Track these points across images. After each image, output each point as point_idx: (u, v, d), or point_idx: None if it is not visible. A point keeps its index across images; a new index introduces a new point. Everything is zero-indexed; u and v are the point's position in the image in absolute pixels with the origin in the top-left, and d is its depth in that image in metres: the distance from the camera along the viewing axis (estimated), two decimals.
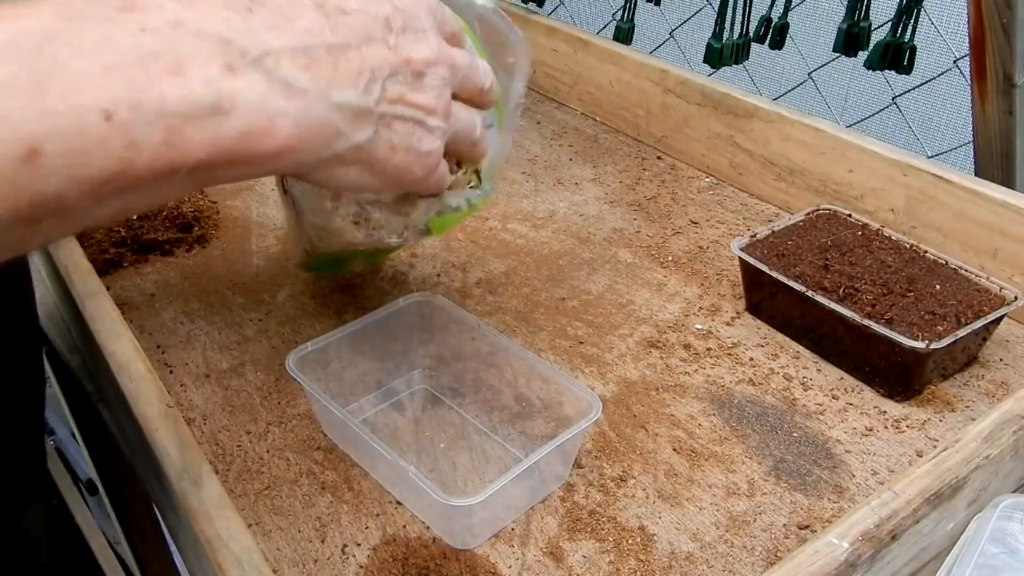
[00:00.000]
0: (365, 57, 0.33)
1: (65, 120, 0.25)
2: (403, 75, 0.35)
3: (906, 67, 0.91)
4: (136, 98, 0.27)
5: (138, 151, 0.27)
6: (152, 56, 0.27)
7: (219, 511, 0.42)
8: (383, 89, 0.34)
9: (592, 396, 0.51)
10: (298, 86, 0.30)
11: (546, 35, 1.05)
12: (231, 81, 0.28)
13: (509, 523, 0.50)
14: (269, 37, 0.30)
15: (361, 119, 0.33)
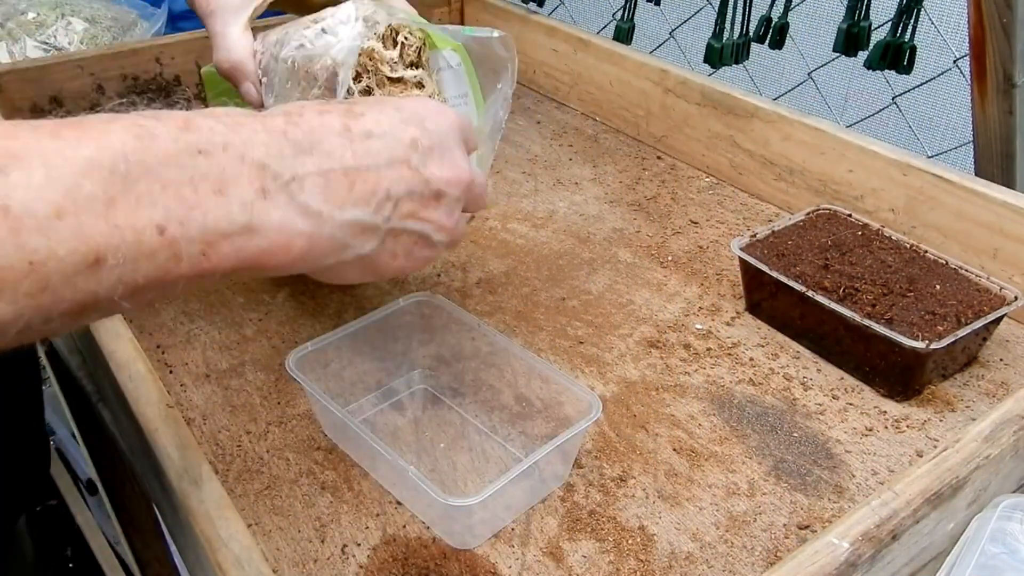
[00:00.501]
0: (382, 178, 0.36)
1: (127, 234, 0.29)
2: (420, 193, 0.38)
3: (906, 67, 0.91)
4: (185, 215, 0.30)
5: (178, 262, 0.30)
6: (203, 177, 0.31)
7: (219, 511, 0.42)
8: (395, 207, 0.37)
9: (592, 396, 0.51)
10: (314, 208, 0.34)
11: (546, 35, 1.05)
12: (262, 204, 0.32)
13: (509, 523, 0.50)
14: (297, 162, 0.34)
15: (368, 234, 0.37)
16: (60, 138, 0.28)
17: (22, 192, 0.27)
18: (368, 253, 0.37)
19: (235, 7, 0.49)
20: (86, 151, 0.28)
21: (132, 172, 0.29)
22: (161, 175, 0.30)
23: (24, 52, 1.15)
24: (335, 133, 0.36)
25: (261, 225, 0.32)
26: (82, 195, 0.28)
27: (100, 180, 0.28)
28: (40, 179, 0.27)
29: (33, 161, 0.27)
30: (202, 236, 0.31)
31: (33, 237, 0.27)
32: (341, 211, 0.35)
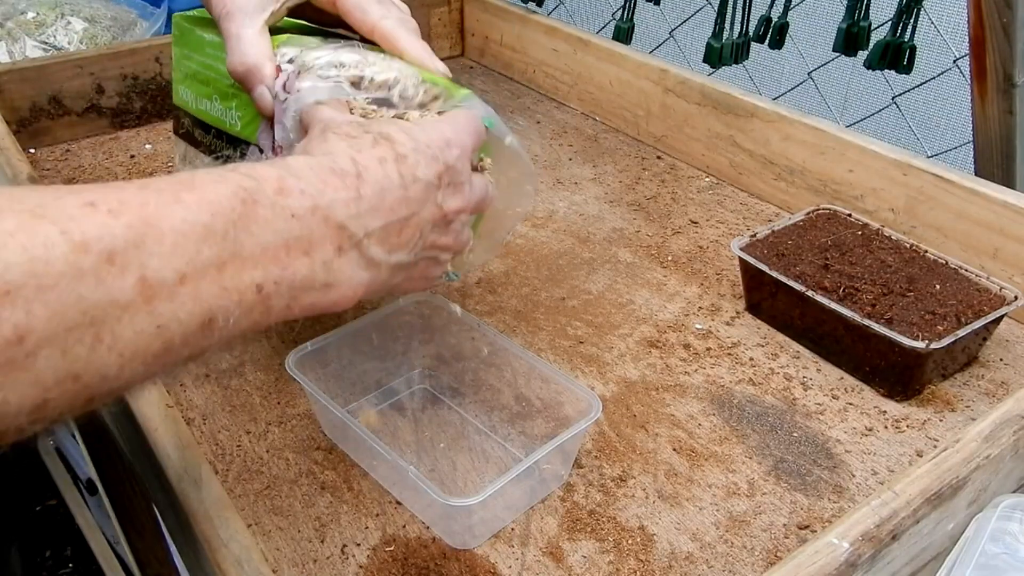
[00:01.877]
0: (421, 221, 0.40)
1: (234, 296, 0.31)
2: (439, 225, 0.42)
3: (906, 67, 0.91)
4: (279, 275, 0.33)
5: (268, 315, 0.33)
6: (295, 240, 0.33)
7: (219, 511, 0.42)
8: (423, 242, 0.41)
9: (592, 396, 0.51)
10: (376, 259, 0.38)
11: (546, 35, 1.05)
12: (338, 261, 0.35)
13: (509, 523, 0.50)
14: (368, 220, 0.37)
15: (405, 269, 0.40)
16: (181, 203, 0.30)
17: (156, 261, 0.29)
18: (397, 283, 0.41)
19: (251, 10, 0.49)
20: (204, 217, 0.30)
21: (239, 237, 0.31)
22: (261, 239, 0.32)
23: (24, 52, 1.15)
24: (396, 186, 0.39)
25: (336, 281, 0.35)
26: (201, 261, 0.30)
27: (215, 246, 0.30)
28: (169, 248, 0.29)
29: (164, 229, 0.29)
30: (290, 292, 0.33)
31: (162, 304, 0.29)
32: (390, 256, 0.38)
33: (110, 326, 0.27)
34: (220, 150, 0.58)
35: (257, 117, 0.53)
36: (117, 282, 0.27)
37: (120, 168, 0.88)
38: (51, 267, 0.26)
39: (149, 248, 0.28)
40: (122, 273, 0.28)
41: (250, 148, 0.55)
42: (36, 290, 0.26)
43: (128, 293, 0.28)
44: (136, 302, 0.28)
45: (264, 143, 0.53)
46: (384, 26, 0.50)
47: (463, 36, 1.19)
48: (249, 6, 0.49)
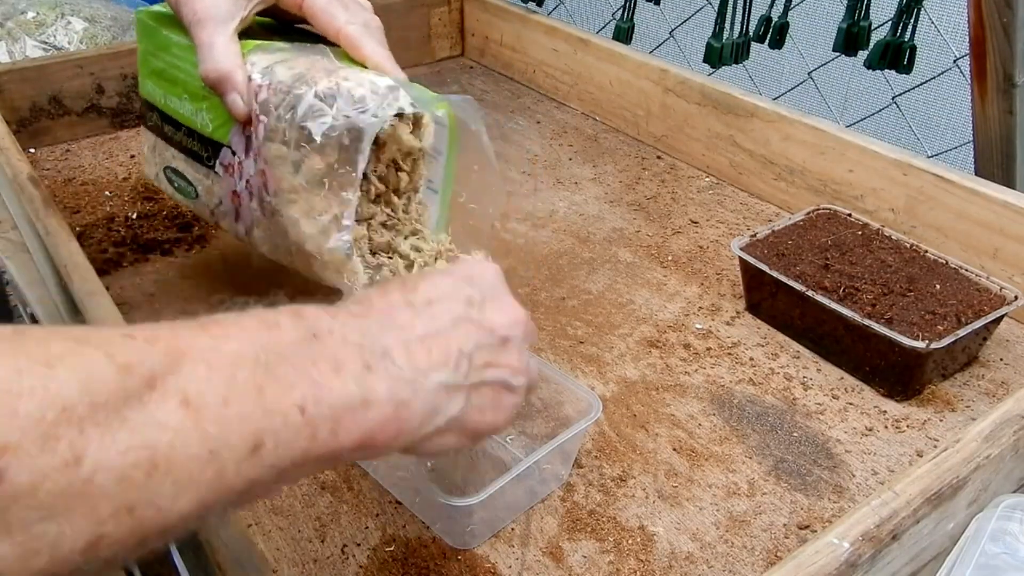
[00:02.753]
0: (452, 338, 0.38)
1: (278, 418, 0.31)
2: (488, 343, 0.40)
3: (906, 67, 0.91)
4: (317, 395, 0.32)
5: (314, 440, 0.32)
6: (323, 359, 0.33)
7: None
8: (470, 362, 0.39)
9: (592, 396, 0.51)
10: (408, 376, 0.36)
11: (546, 35, 1.05)
12: (369, 378, 0.34)
13: (509, 523, 0.50)
14: (383, 338, 0.36)
15: (454, 393, 0.38)
16: (210, 334, 0.31)
17: (195, 385, 0.29)
18: (457, 414, 0.38)
19: (223, 17, 0.50)
20: (233, 345, 0.31)
21: (271, 360, 0.31)
22: (292, 360, 0.32)
23: (24, 52, 1.15)
24: (402, 307, 0.38)
25: (373, 397, 0.34)
26: (239, 384, 0.30)
27: (249, 370, 0.31)
28: (204, 371, 0.29)
29: (197, 356, 0.29)
30: (332, 413, 0.33)
31: (211, 425, 0.28)
32: (427, 377, 0.37)
33: (163, 451, 0.27)
34: (191, 147, 0.59)
35: (229, 120, 0.54)
36: (162, 405, 0.28)
37: (120, 168, 0.88)
38: (102, 386, 0.26)
39: (186, 373, 0.29)
40: (164, 398, 0.28)
41: (222, 150, 0.56)
42: (90, 408, 0.26)
43: (174, 416, 0.28)
44: (185, 425, 0.28)
45: (237, 146, 0.55)
46: (349, 32, 0.51)
47: (463, 36, 1.19)
48: (219, 13, 0.50)
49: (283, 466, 0.31)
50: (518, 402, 0.42)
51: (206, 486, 0.28)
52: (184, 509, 0.28)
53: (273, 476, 0.31)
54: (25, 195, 0.66)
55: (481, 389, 0.39)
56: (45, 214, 0.64)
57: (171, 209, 0.79)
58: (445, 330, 0.39)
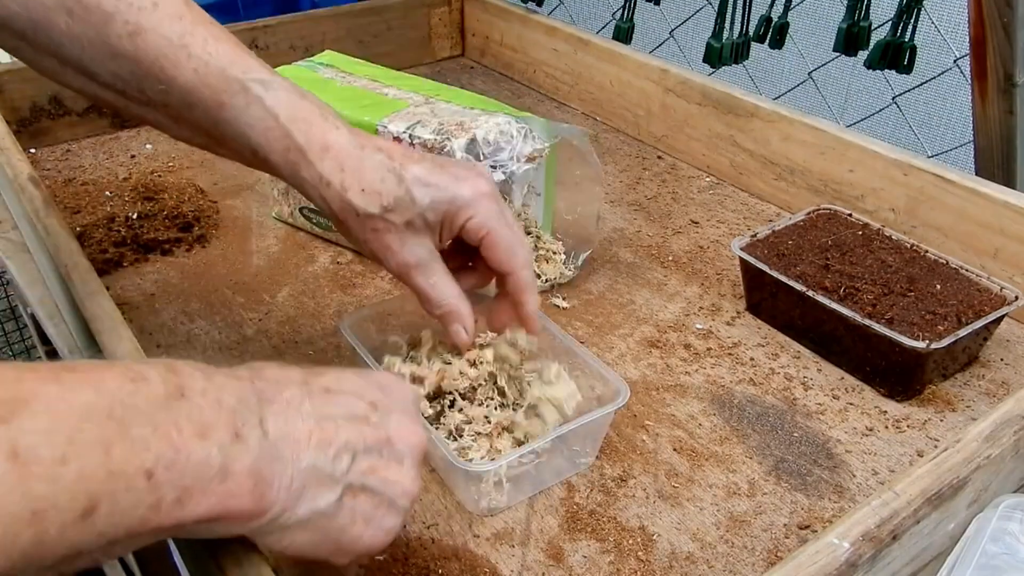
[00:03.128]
0: (341, 429, 0.37)
1: (120, 481, 0.28)
2: (380, 450, 0.38)
3: (906, 66, 0.91)
4: (172, 458, 0.30)
5: (157, 511, 0.30)
6: (187, 420, 0.31)
7: None
8: (353, 461, 0.37)
9: (620, 382, 0.52)
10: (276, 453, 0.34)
11: (546, 35, 1.05)
12: (235, 448, 0.32)
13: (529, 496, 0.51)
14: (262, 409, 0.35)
15: (325, 484, 0.36)
16: (61, 382, 0.28)
17: (30, 437, 0.26)
18: (325, 509, 0.36)
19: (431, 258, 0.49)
20: (86, 396, 0.29)
21: (127, 416, 0.29)
22: (152, 418, 0.30)
23: None
24: (295, 384, 0.37)
25: (233, 469, 0.32)
26: (84, 441, 0.28)
27: (99, 425, 0.28)
28: (45, 424, 0.27)
29: (38, 406, 0.27)
30: (182, 481, 0.31)
31: (40, 484, 0.26)
32: (298, 459, 0.35)
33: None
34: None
35: None
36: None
37: (121, 168, 0.88)
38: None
39: (21, 425, 0.26)
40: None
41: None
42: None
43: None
44: (7, 480, 0.26)
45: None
46: (523, 277, 0.50)
47: (463, 36, 1.19)
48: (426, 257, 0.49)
49: (115, 535, 0.29)
50: (396, 526, 0.39)
51: (20, 549, 0.26)
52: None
53: (100, 545, 0.29)
54: (25, 195, 0.66)
55: (359, 495, 0.37)
56: (45, 214, 0.64)
57: (171, 209, 0.79)
58: (334, 418, 0.37)
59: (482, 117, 0.65)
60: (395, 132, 0.65)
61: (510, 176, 0.63)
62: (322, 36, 1.07)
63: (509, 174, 0.63)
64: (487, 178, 0.49)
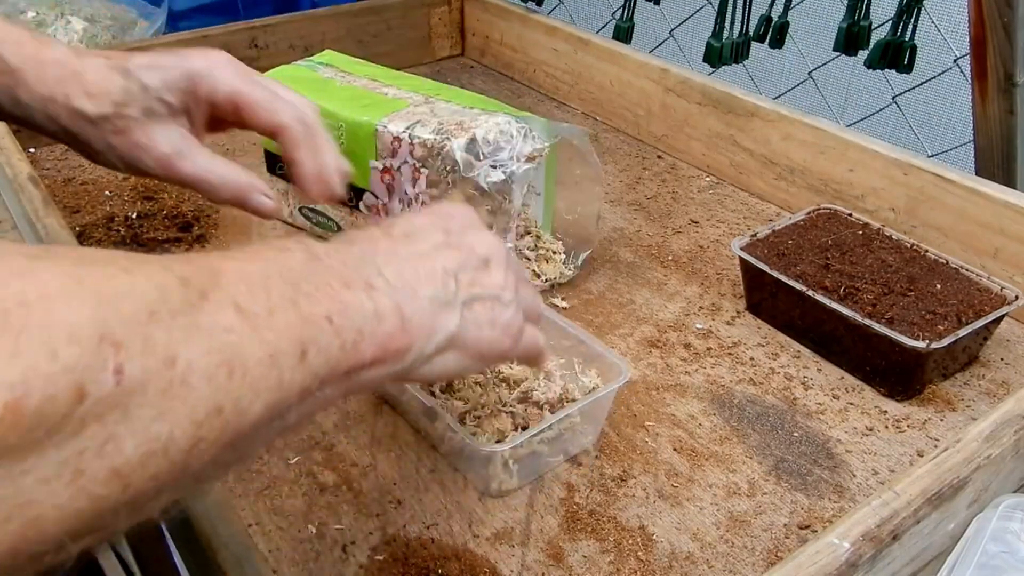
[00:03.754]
0: (435, 260, 0.40)
1: (314, 326, 0.32)
2: (471, 265, 0.41)
3: (906, 66, 0.91)
4: (338, 308, 0.33)
5: (344, 351, 0.33)
6: (333, 277, 0.34)
7: (219, 511, 0.42)
8: (457, 281, 0.40)
9: (622, 361, 0.53)
10: (404, 294, 0.37)
11: (546, 34, 1.05)
12: (374, 294, 0.36)
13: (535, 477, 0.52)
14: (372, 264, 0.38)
15: (447, 310, 0.39)
16: (234, 259, 0.32)
17: (242, 297, 0.29)
18: (455, 331, 0.39)
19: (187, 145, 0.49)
20: (257, 266, 0.32)
21: (292, 278, 0.32)
22: (308, 279, 0.33)
23: None
24: (381, 239, 0.40)
25: (382, 311, 0.35)
26: (276, 298, 0.31)
27: (279, 286, 0.32)
28: (245, 287, 0.30)
29: (231, 275, 0.30)
30: (354, 325, 0.34)
31: (266, 333, 0.29)
32: (418, 296, 0.38)
33: (235, 354, 0.28)
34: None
35: (367, 171, 0.68)
36: (220, 314, 0.28)
37: None
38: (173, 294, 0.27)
39: (228, 288, 0.29)
40: (220, 307, 0.28)
41: (364, 194, 0.70)
42: (169, 314, 0.26)
43: (235, 324, 0.28)
44: (245, 331, 0.29)
45: (378, 191, 0.69)
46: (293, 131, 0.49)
47: (463, 36, 1.19)
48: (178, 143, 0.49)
49: (323, 374, 0.32)
50: (515, 317, 0.42)
51: (271, 390, 0.29)
52: (259, 412, 0.29)
53: (316, 384, 0.32)
54: (25, 195, 0.66)
55: (473, 306, 0.40)
56: (45, 214, 0.64)
57: (171, 209, 0.79)
58: (427, 253, 0.40)
59: (482, 117, 0.65)
60: (395, 132, 0.65)
61: (510, 176, 0.63)
62: (322, 36, 1.07)
63: (509, 174, 0.63)
64: (221, 52, 0.49)
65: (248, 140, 0.96)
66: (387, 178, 0.67)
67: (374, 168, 0.68)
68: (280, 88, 0.50)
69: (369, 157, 0.68)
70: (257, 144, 0.95)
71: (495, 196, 0.63)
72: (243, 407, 0.28)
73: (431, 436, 0.55)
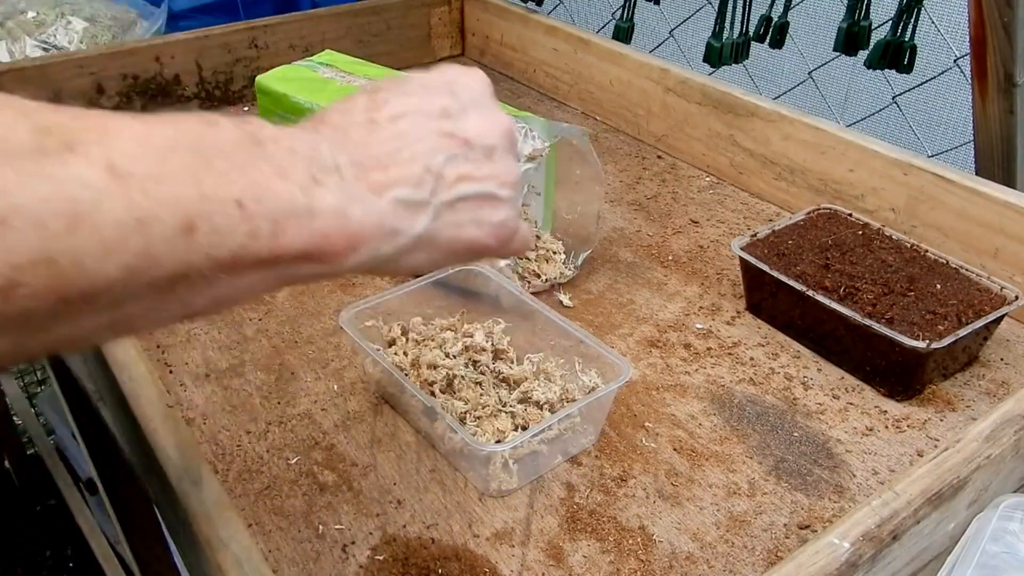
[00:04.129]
0: (416, 155, 0.37)
1: (214, 205, 0.30)
2: (467, 156, 0.38)
3: (906, 66, 0.91)
4: (259, 194, 0.32)
5: (256, 238, 0.31)
6: (266, 162, 0.33)
7: (219, 511, 0.42)
8: (439, 178, 0.37)
9: (623, 361, 0.53)
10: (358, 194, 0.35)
11: (546, 34, 1.05)
12: (317, 189, 0.34)
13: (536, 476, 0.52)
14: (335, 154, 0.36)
15: (416, 211, 0.37)
16: (143, 122, 0.30)
17: (123, 159, 0.28)
18: (423, 232, 0.37)
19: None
20: (167, 131, 0.30)
21: (208, 152, 0.31)
22: (232, 157, 0.32)
23: (24, 51, 1.14)
24: (360, 125, 0.37)
25: (320, 208, 0.33)
26: (173, 165, 0.29)
27: (184, 157, 0.30)
28: (135, 149, 0.29)
29: (125, 136, 0.29)
30: (273, 215, 0.32)
31: (139, 196, 0.28)
32: (381, 196, 0.36)
33: (86, 208, 0.27)
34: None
35: None
36: (85, 168, 0.27)
37: None
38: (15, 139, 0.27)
39: (112, 146, 0.28)
40: (87, 162, 0.27)
41: None
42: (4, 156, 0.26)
43: (99, 179, 0.27)
44: (110, 189, 0.28)
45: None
46: None
47: (463, 36, 1.19)
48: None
49: (220, 256, 0.31)
50: (508, 216, 0.40)
51: (133, 255, 0.28)
52: (111, 273, 0.28)
53: (211, 265, 0.31)
54: None
55: (456, 205, 0.38)
56: None
57: None
58: (407, 147, 0.37)
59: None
60: None
61: None
62: (322, 35, 1.07)
63: None
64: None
65: None
66: None
67: None
68: None
69: None
70: None
71: None
72: (87, 265, 0.27)
73: (431, 436, 0.55)
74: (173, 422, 0.48)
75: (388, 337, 0.60)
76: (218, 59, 1.02)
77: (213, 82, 1.03)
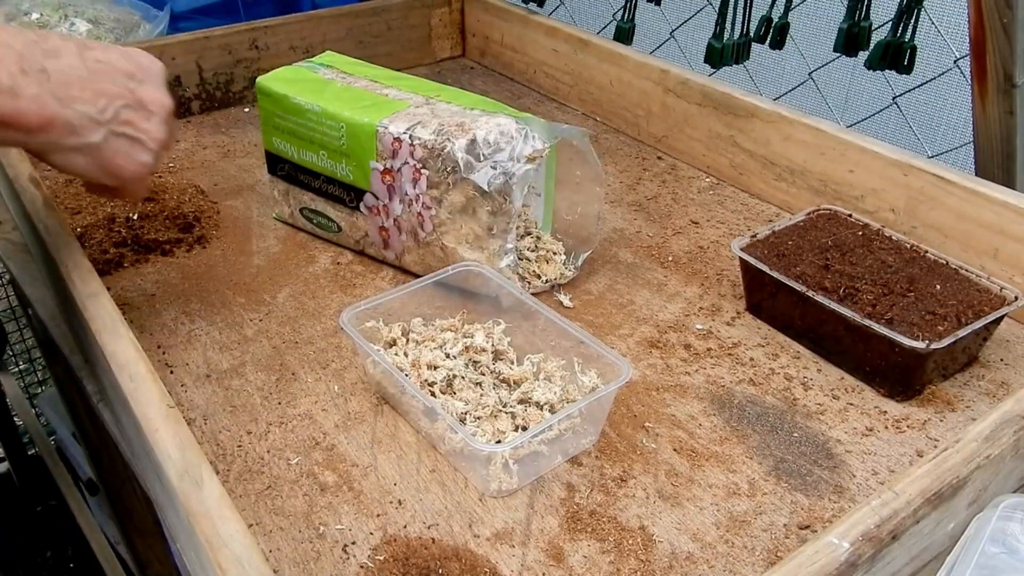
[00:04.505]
0: (106, 90, 0.51)
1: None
2: (135, 109, 0.52)
3: (906, 67, 0.91)
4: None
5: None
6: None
7: (219, 511, 0.42)
8: (115, 115, 0.51)
9: (623, 361, 0.53)
10: (59, 95, 0.48)
11: (547, 35, 1.05)
12: (22, 78, 0.46)
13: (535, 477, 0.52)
14: (46, 60, 0.48)
15: (94, 127, 0.50)
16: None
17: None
18: (93, 143, 0.50)
19: None
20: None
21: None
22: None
23: None
24: (73, 54, 0.50)
25: (21, 91, 0.46)
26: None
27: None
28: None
29: None
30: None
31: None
32: (75, 103, 0.49)
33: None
34: (333, 193, 0.73)
35: (368, 172, 0.68)
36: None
37: None
38: None
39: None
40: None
41: (365, 195, 0.70)
42: None
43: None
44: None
45: (379, 192, 0.69)
46: None
47: (464, 36, 1.20)
48: None
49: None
50: (150, 163, 0.54)
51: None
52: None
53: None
54: (26, 196, 0.66)
55: (120, 138, 0.52)
56: (46, 215, 0.64)
57: (171, 210, 0.79)
58: (100, 84, 0.50)
59: (482, 118, 0.65)
60: (395, 133, 0.65)
61: (510, 176, 0.63)
62: (322, 36, 1.07)
63: (509, 175, 0.63)
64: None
65: (250, 141, 0.96)
66: (388, 179, 0.68)
67: (375, 169, 0.68)
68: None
69: (370, 158, 0.68)
70: (259, 145, 0.95)
71: (495, 197, 0.63)
72: None
73: (431, 436, 0.55)
74: (174, 422, 0.48)
75: (388, 338, 0.60)
76: (219, 60, 1.02)
77: (214, 83, 1.03)
